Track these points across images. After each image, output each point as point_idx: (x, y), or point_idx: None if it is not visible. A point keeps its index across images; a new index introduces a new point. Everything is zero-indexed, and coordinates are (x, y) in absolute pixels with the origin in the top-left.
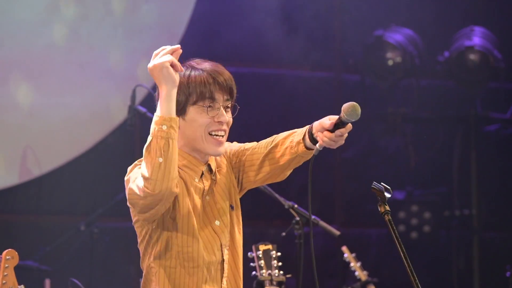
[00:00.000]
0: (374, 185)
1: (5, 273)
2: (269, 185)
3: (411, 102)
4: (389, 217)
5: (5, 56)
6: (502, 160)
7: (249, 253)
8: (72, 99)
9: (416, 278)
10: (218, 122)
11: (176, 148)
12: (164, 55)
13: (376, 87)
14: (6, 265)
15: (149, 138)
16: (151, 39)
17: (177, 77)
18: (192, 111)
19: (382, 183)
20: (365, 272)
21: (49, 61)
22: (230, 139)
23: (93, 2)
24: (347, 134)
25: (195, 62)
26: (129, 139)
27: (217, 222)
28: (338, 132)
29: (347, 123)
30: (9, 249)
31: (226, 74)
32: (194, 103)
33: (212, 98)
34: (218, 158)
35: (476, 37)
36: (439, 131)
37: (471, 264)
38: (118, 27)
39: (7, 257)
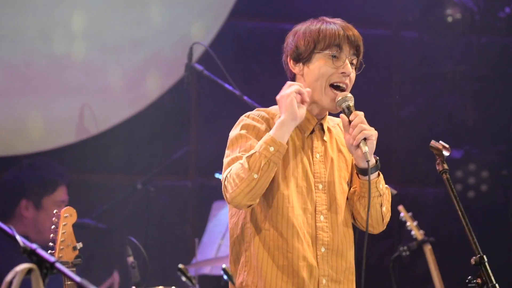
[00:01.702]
0: (432, 144)
1: (63, 231)
2: None
3: (471, 60)
4: (448, 175)
5: (60, 15)
6: None
7: None
8: (129, 56)
9: (474, 237)
10: (342, 73)
11: (273, 174)
12: (292, 86)
13: (435, 44)
14: (64, 223)
15: (253, 151)
16: None
17: (300, 112)
18: (318, 59)
19: (440, 141)
20: (421, 232)
21: (106, 18)
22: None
23: None
24: (365, 123)
25: (327, 17)
26: (186, 97)
27: (320, 186)
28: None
29: (344, 109)
30: (67, 207)
31: (355, 31)
32: (321, 50)
33: (340, 48)
34: (336, 130)
35: None
36: (498, 89)
37: None
38: None
39: (65, 215)
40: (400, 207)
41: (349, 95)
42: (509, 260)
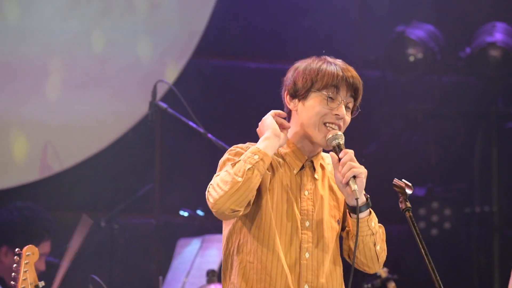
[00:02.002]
0: (395, 182)
1: (25, 269)
2: None
3: (432, 98)
4: (410, 213)
5: (26, 52)
6: None
7: None
8: (93, 94)
9: (437, 275)
10: (335, 114)
11: (257, 182)
12: (270, 112)
13: (397, 83)
14: (26, 261)
15: (238, 160)
16: (172, 35)
17: (282, 135)
18: (314, 97)
19: (403, 179)
20: (385, 269)
21: (70, 56)
22: (244, 133)
23: None
24: (353, 161)
25: (329, 58)
26: (149, 134)
27: (307, 223)
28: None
29: (335, 147)
30: (29, 245)
31: (355, 74)
32: (318, 89)
33: (337, 89)
34: (330, 168)
35: (498, 33)
36: (460, 127)
37: (491, 262)
38: (139, 23)
39: (27, 253)
40: None
41: (340, 133)
42: None
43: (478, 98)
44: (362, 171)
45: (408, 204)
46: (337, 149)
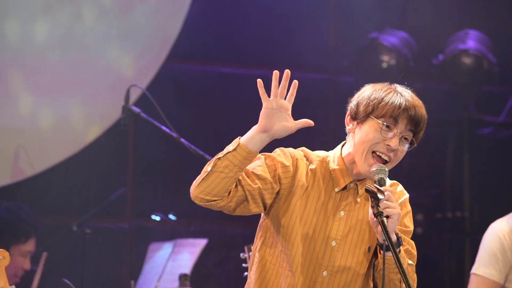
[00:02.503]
0: (367, 187)
1: None
2: None
3: None
4: (383, 218)
5: None
6: (495, 163)
7: (241, 254)
8: (65, 99)
9: (408, 280)
10: (387, 145)
11: (230, 173)
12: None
13: None
14: None
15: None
16: (145, 39)
17: (276, 126)
18: (371, 124)
19: (375, 184)
20: None
21: (43, 61)
22: (218, 137)
23: (87, 2)
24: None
25: (400, 87)
26: (122, 139)
27: (333, 243)
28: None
29: (376, 181)
30: (0, 249)
31: (419, 110)
32: (376, 116)
33: (396, 121)
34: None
35: (471, 41)
36: (433, 133)
37: (462, 267)
38: (112, 28)
39: None
40: None
41: (385, 168)
42: None
43: (451, 105)
44: (395, 212)
45: (380, 209)
46: (377, 183)
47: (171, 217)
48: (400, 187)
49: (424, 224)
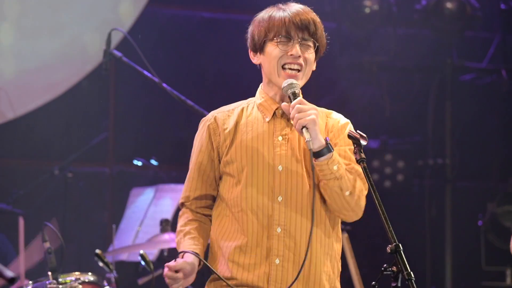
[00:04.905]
0: (350, 133)
1: None
2: None
3: (387, 51)
4: (365, 164)
5: None
6: (477, 110)
7: None
8: (46, 42)
9: (390, 226)
10: (291, 55)
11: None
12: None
13: (352, 35)
14: None
15: (181, 246)
16: None
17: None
18: (269, 46)
19: (358, 130)
20: None
21: (23, 3)
22: (199, 82)
23: None
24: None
25: (283, 4)
26: (104, 83)
27: (279, 167)
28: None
29: (290, 96)
30: None
31: (304, 15)
32: (271, 39)
33: (288, 34)
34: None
35: None
36: (415, 80)
37: (443, 213)
38: None
39: None
40: None
41: (295, 82)
42: (424, 248)
43: (433, 51)
44: (308, 119)
45: (363, 155)
46: (292, 98)
47: (153, 162)
48: (336, 114)
49: (406, 171)
